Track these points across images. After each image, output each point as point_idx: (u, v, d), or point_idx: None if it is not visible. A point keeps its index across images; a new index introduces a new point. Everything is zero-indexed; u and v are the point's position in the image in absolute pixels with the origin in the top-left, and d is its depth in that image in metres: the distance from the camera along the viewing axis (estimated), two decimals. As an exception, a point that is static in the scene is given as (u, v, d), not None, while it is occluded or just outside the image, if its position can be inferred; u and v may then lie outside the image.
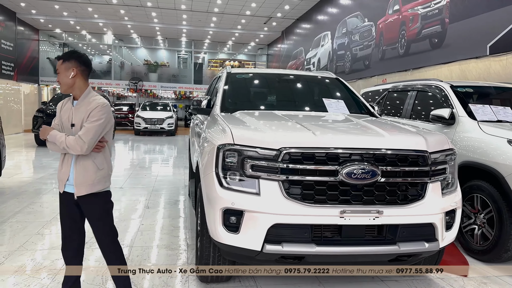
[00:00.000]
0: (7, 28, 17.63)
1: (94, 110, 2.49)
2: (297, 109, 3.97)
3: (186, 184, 7.46)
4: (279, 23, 18.71)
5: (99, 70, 24.13)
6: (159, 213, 5.39)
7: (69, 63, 2.56)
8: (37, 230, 4.49)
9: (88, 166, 2.56)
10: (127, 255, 3.76)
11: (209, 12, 17.06)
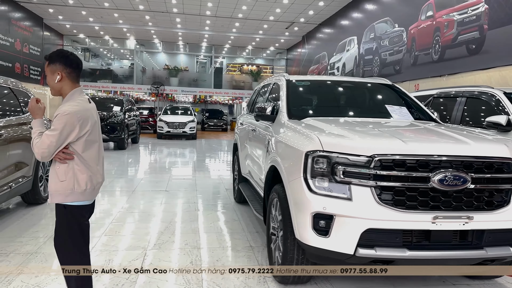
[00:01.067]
0: (35, 33, 18.06)
1: (55, 119, 2.33)
2: (362, 115, 4.06)
3: (226, 187, 7.58)
4: (301, 28, 18.82)
5: (121, 75, 24.52)
6: (211, 216, 5.50)
7: (54, 66, 2.42)
8: (101, 232, 4.63)
9: (53, 175, 2.45)
10: (199, 257, 3.88)
11: (233, 18, 17.26)
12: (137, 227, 4.88)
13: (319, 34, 18.24)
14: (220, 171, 10.17)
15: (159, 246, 4.20)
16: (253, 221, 5.26)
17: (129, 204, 6.02)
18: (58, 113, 2.34)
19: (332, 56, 16.22)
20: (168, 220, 5.24)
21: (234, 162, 6.61)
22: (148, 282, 3.33)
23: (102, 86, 22.65)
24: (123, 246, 4.21)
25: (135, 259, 3.79)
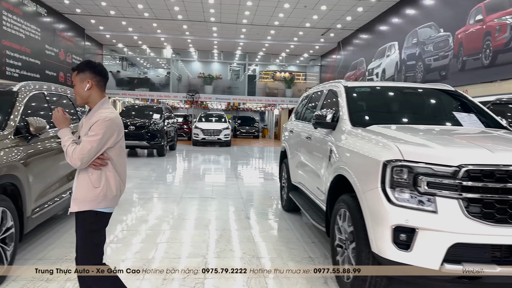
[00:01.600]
0: (77, 43, 18.70)
1: (95, 124, 2.37)
2: (429, 122, 3.91)
3: (271, 195, 7.52)
4: (336, 34, 18.64)
5: (158, 83, 24.98)
6: (263, 224, 5.44)
7: (83, 74, 2.47)
8: (160, 239, 4.65)
9: (84, 182, 2.43)
10: (260, 267, 3.82)
11: (269, 25, 17.30)
12: (193, 234, 4.88)
13: (356, 40, 18.00)
14: (262, 179, 10.13)
15: (218, 255, 4.18)
16: (306, 230, 5.16)
17: (180, 211, 6.06)
18: (97, 119, 2.39)
19: (370, 62, 15.96)
20: (220, 227, 5.23)
21: (282, 170, 6.55)
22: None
23: (139, 94, 23.16)
24: (183, 253, 4.21)
25: (197, 267, 3.77)
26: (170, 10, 15.60)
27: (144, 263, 3.86)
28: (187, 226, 5.28)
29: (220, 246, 4.45)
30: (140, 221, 5.46)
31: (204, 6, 14.81)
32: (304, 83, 26.19)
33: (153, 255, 4.09)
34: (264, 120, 38.39)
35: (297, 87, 25.05)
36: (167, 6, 15.00)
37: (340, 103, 4.20)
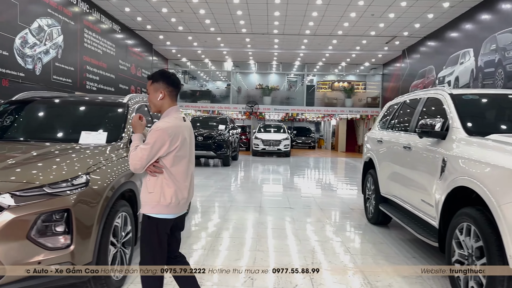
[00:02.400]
0: (145, 58, 19.63)
1: (148, 133, 2.49)
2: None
3: (351, 207, 7.36)
4: (402, 42, 18.11)
5: (219, 95, 25.58)
6: (354, 237, 5.31)
7: (157, 84, 2.57)
8: (253, 247, 4.67)
9: (143, 186, 2.58)
10: (367, 281, 3.70)
11: (332, 35, 17.17)
12: (284, 244, 4.86)
13: (423, 47, 17.37)
14: (335, 190, 9.96)
15: (319, 266, 4.11)
16: (402, 245, 4.96)
17: (263, 220, 6.07)
18: (152, 128, 2.48)
19: (440, 70, 15.29)
20: (311, 238, 5.17)
21: (366, 181, 6.39)
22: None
23: (201, 106, 23.84)
24: (282, 263, 4.18)
25: (303, 282, 3.72)
26: (235, 24, 15.97)
27: (248, 273, 3.88)
28: (276, 235, 5.27)
29: (319, 258, 4.39)
30: (232, 229, 5.53)
31: (269, 19, 15.00)
32: (364, 93, 25.65)
33: (253, 263, 4.11)
34: (319, 131, 37.98)
35: (357, 97, 24.57)
36: (233, 20, 15.36)
37: (447, 111, 4.02)
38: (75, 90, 12.23)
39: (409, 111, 5.28)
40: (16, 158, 3.06)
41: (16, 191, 2.65)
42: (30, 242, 2.62)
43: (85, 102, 4.66)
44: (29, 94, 4.63)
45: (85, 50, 13.17)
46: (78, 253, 2.79)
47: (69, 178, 2.87)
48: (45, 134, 4.00)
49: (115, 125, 4.12)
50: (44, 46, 10.70)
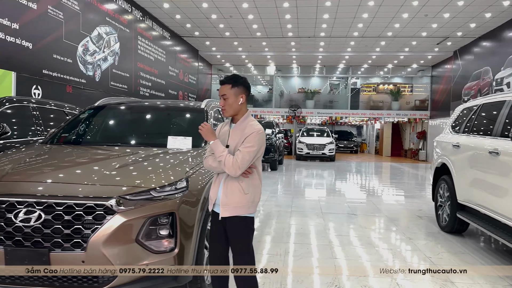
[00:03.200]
0: (191, 64, 20.00)
1: (250, 136, 2.52)
2: None
3: (417, 214, 7.09)
4: (454, 43, 17.45)
5: (261, 99, 25.66)
6: (431, 246, 5.07)
7: (238, 88, 2.61)
8: (329, 253, 4.57)
9: (235, 189, 2.58)
10: None
11: (381, 36, 16.80)
12: (362, 252, 4.72)
13: (477, 48, 16.64)
14: (395, 196, 9.67)
15: (405, 276, 3.95)
16: (486, 255, 4.71)
17: (330, 226, 5.95)
18: (252, 131, 2.55)
19: (497, 71, 14.58)
20: (386, 246, 5.00)
21: (438, 187, 6.13)
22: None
23: (245, 110, 24.00)
24: (365, 271, 4.05)
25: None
26: (282, 28, 15.96)
27: (331, 279, 3.78)
28: (348, 242, 5.14)
29: (398, 265, 4.23)
30: (300, 235, 5.45)
31: (318, 22, 14.88)
32: (411, 95, 24.91)
33: (334, 270, 4.01)
34: (361, 135, 37.21)
35: (404, 100, 23.90)
36: (280, 24, 15.36)
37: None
38: (130, 95, 12.61)
39: (491, 114, 5.01)
40: (118, 162, 3.13)
41: (126, 195, 2.69)
42: (138, 245, 2.66)
43: (166, 108, 4.75)
44: (109, 100, 4.77)
45: (138, 57, 13.56)
46: (181, 256, 2.80)
47: (172, 182, 2.90)
48: (132, 139, 4.09)
49: (197, 131, 4.15)
50: (103, 53, 11.11)
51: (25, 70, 7.99)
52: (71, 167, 3.18)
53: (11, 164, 3.09)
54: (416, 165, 19.55)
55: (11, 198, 2.63)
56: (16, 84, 7.61)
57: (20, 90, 7.71)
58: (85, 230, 2.58)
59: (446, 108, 20.16)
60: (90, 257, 2.55)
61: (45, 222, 2.58)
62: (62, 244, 2.57)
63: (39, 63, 8.45)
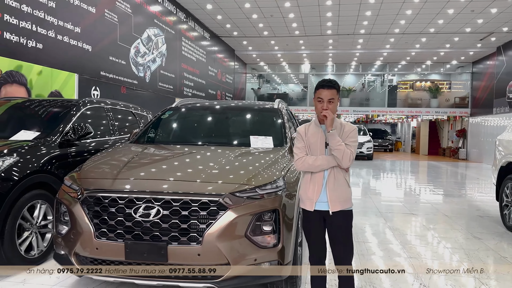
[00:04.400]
0: (228, 64, 20.22)
1: (352, 132, 2.72)
2: None
3: (477, 214, 6.97)
4: (498, 38, 16.93)
5: (296, 98, 25.66)
6: (502, 245, 5.00)
7: (337, 93, 2.75)
8: (402, 252, 4.59)
9: (342, 184, 2.70)
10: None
11: (423, 33, 16.49)
12: (430, 250, 4.71)
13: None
14: (449, 196, 9.45)
15: (487, 275, 3.93)
16: None
17: (393, 226, 5.95)
18: (352, 129, 2.74)
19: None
20: (454, 245, 4.97)
21: (504, 187, 6.02)
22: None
23: (280, 109, 24.07)
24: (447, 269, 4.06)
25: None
26: (322, 26, 15.92)
27: (413, 278, 3.81)
28: (417, 241, 5.14)
29: (477, 265, 4.20)
30: (368, 235, 5.48)
31: (359, 19, 14.76)
32: (449, 92, 24.30)
33: (413, 270, 4.04)
34: (395, 133, 36.57)
35: (443, 97, 23.36)
36: (320, 22, 15.33)
37: None
38: (175, 96, 12.91)
39: None
40: (219, 161, 3.27)
41: (235, 192, 2.82)
42: (247, 240, 2.78)
43: (244, 108, 4.90)
44: (186, 101, 4.95)
45: (182, 58, 13.85)
46: (283, 252, 2.90)
47: (273, 180, 3.01)
48: (217, 138, 4.25)
49: (275, 130, 4.27)
50: (152, 55, 11.42)
51: (86, 72, 8.35)
52: (179, 165, 3.35)
53: (119, 163, 3.28)
54: (457, 164, 19.09)
55: (130, 195, 2.80)
56: (78, 85, 7.96)
57: (82, 92, 8.06)
58: (201, 225, 2.72)
59: (488, 105, 19.59)
60: (205, 251, 2.70)
61: (163, 217, 2.74)
62: (179, 238, 2.72)
63: (97, 65, 8.80)
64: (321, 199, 2.71)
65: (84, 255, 2.88)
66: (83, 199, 2.90)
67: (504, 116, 17.46)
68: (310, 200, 2.72)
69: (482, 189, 10.80)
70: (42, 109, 4.99)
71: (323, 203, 2.71)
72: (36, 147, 4.12)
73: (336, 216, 2.70)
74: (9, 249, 3.61)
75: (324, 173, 2.72)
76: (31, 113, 4.96)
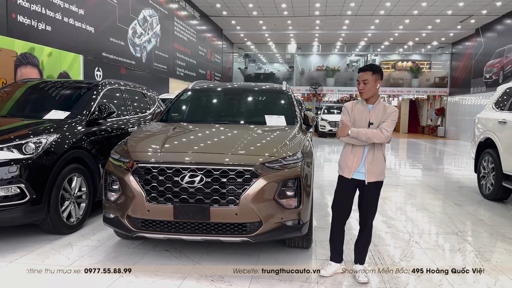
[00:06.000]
0: (216, 43, 20.43)
1: (393, 113, 3.14)
2: None
3: (457, 185, 7.71)
4: (478, 21, 17.69)
5: (282, 77, 26.07)
6: (480, 210, 5.70)
7: (376, 76, 3.13)
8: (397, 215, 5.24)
9: (380, 158, 3.16)
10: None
11: (406, 15, 17.07)
12: (418, 215, 5.39)
13: (500, 26, 16.89)
14: (429, 170, 10.21)
15: (466, 235, 4.62)
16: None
17: (384, 196, 6.62)
18: (393, 110, 3.18)
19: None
20: (442, 211, 5.66)
21: (482, 160, 6.72)
22: None
23: (267, 88, 24.50)
24: (433, 232, 4.73)
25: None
26: (310, 7, 16.30)
27: (407, 237, 4.47)
28: (405, 208, 5.81)
29: (459, 227, 4.89)
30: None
31: (347, 0, 15.19)
32: (429, 72, 25.17)
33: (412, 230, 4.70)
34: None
35: (424, 77, 24.20)
36: (309, 3, 15.70)
37: None
38: (168, 76, 13.20)
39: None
40: (247, 137, 3.79)
41: (265, 162, 3.35)
42: (275, 202, 3.32)
43: (257, 90, 5.40)
44: (200, 83, 5.40)
45: (175, 38, 14.07)
46: (303, 213, 3.46)
47: (294, 153, 3.54)
48: (235, 117, 4.75)
49: (286, 110, 4.79)
50: (147, 35, 11.66)
51: (90, 53, 8.61)
52: (214, 140, 3.88)
53: (160, 138, 3.75)
54: (436, 141, 20.08)
55: (177, 165, 3.30)
56: (83, 66, 8.24)
57: (87, 72, 8.36)
58: (237, 190, 3.25)
59: (466, 85, 20.50)
60: (241, 211, 3.23)
61: (206, 183, 3.25)
62: (220, 201, 3.24)
63: (99, 46, 9.06)
64: (359, 169, 3.20)
65: (136, 217, 3.37)
66: (134, 169, 3.37)
67: (481, 96, 18.38)
68: (349, 169, 3.21)
69: (460, 164, 11.65)
70: (66, 90, 5.36)
71: (360, 173, 3.20)
72: (71, 125, 4.53)
73: (370, 186, 3.21)
74: (54, 216, 4.07)
75: (365, 147, 3.19)
76: (56, 94, 5.32)
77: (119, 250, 3.86)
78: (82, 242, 4.06)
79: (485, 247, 4.15)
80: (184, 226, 3.34)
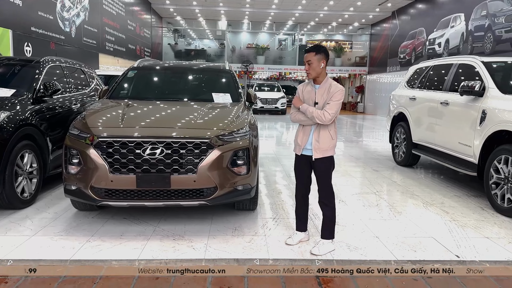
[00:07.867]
0: (145, 18, 19.92)
1: (337, 93, 3.26)
2: None
3: (374, 156, 8.77)
4: (394, 4, 19.23)
5: (213, 54, 26.14)
6: (394, 174, 6.70)
7: (320, 55, 3.26)
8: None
9: (325, 136, 3.32)
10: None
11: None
12: (341, 180, 6.23)
13: (413, 10, 18.60)
14: (351, 142, 11.31)
15: (382, 194, 5.52)
16: (434, 179, 6.44)
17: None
18: (338, 89, 3.30)
19: (430, 32, 16.66)
20: (362, 176, 6.56)
21: (395, 132, 7.76)
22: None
23: (198, 65, 24.48)
24: (355, 192, 5.57)
25: (375, 202, 5.12)
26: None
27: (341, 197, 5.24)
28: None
29: (377, 188, 5.80)
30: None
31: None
32: (351, 52, 26.88)
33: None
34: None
35: (346, 56, 25.78)
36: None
37: (482, 75, 5.33)
38: (98, 51, 12.83)
39: (440, 74, 6.59)
40: (199, 112, 4.18)
41: (219, 135, 3.79)
42: (228, 170, 3.81)
43: (202, 69, 5.77)
44: (145, 62, 5.61)
45: (104, 12, 13.60)
46: (251, 178, 4.00)
47: (242, 127, 4.03)
48: (183, 95, 5.08)
49: (231, 88, 5.24)
50: (76, 9, 11.21)
51: (18, 27, 8.22)
52: (169, 115, 4.25)
53: (117, 114, 4.01)
54: (356, 116, 21.77)
55: (139, 139, 3.62)
56: (12, 41, 7.88)
57: (16, 48, 8.01)
58: (195, 160, 3.67)
59: (383, 64, 22.34)
60: (199, 178, 3.67)
61: (166, 155, 3.62)
62: (179, 170, 3.65)
63: (28, 20, 8.65)
64: (307, 146, 3.43)
65: (99, 187, 3.65)
66: (95, 143, 3.63)
67: (396, 74, 20.23)
68: (299, 146, 3.47)
69: (377, 136, 13.00)
70: (9, 68, 5.27)
71: (308, 149, 3.43)
72: (20, 102, 4.56)
73: (318, 162, 3.40)
74: (10, 192, 4.18)
75: (312, 126, 3.40)
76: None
77: (79, 220, 4.11)
78: (39, 215, 4.22)
79: (397, 203, 5.04)
80: (146, 193, 3.70)
